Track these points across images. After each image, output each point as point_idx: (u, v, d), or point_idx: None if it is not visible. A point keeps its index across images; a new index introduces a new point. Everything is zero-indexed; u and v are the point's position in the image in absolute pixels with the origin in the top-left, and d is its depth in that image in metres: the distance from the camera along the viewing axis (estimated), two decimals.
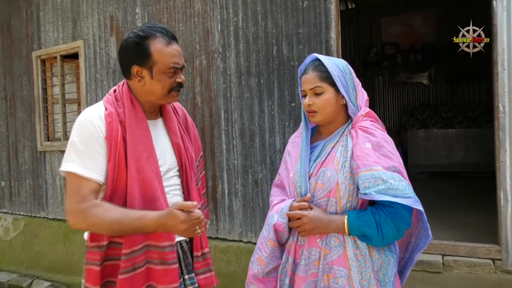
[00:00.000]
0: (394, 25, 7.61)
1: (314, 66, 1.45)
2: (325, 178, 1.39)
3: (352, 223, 1.34)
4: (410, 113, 7.29)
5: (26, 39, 4.74)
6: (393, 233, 1.33)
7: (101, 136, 1.34)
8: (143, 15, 3.80)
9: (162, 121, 1.53)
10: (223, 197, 3.41)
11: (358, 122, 1.44)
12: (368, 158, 1.32)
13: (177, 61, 1.40)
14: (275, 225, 1.45)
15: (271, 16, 3.13)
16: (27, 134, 4.79)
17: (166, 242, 1.38)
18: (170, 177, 1.47)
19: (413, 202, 1.29)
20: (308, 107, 1.44)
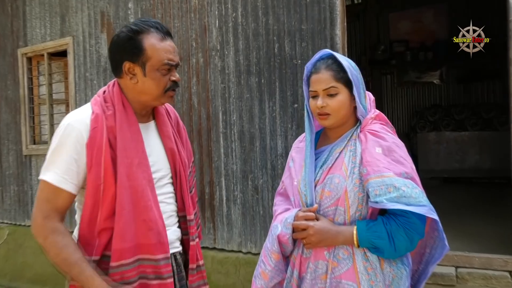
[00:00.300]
0: (403, 21, 7.61)
1: (327, 64, 1.43)
2: (332, 185, 1.37)
3: (362, 235, 1.32)
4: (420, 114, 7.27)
5: (11, 36, 4.73)
6: (406, 244, 1.32)
7: (82, 143, 1.33)
8: (136, 10, 3.80)
9: (155, 124, 1.52)
10: (221, 204, 3.40)
11: (367, 125, 1.42)
12: (379, 164, 1.31)
13: (171, 57, 1.38)
14: (279, 236, 1.43)
15: (273, 11, 3.12)
16: (12, 136, 4.78)
17: (160, 254, 1.36)
18: (163, 184, 1.46)
19: (427, 210, 1.28)
20: (321, 109, 1.41)
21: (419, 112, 7.37)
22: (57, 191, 1.32)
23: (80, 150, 1.33)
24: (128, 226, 1.33)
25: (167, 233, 1.41)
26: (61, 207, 1.34)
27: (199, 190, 3.49)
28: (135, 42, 1.36)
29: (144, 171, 1.37)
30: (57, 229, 1.31)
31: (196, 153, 3.49)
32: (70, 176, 1.33)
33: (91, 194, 1.33)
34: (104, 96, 1.43)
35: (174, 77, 1.41)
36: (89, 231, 1.34)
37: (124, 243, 1.32)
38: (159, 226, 1.37)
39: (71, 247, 1.30)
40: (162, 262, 1.37)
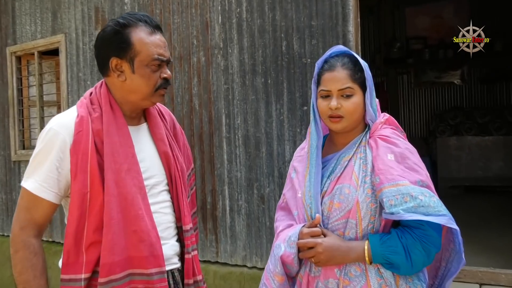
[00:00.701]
0: (421, 16, 7.60)
1: (343, 62, 1.40)
2: (342, 196, 1.36)
3: (375, 250, 1.31)
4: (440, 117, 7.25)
5: (0, 33, 4.78)
6: (423, 258, 1.31)
7: (65, 149, 1.32)
8: (132, 5, 3.82)
9: (147, 127, 1.51)
10: (224, 215, 3.40)
11: (377, 130, 1.41)
12: (393, 172, 1.30)
13: (162, 52, 1.38)
14: (282, 256, 1.40)
15: (280, 6, 3.14)
16: (0, 141, 4.82)
17: (153, 268, 1.35)
18: (158, 192, 1.45)
19: (447, 220, 1.27)
20: (335, 111, 1.39)
21: (438, 115, 7.35)
22: (36, 200, 1.32)
23: (63, 156, 1.32)
24: (117, 237, 1.31)
25: (162, 248, 1.39)
26: (40, 218, 1.34)
27: (200, 200, 3.49)
28: (122, 36, 1.35)
29: (134, 178, 1.36)
30: (30, 245, 1.32)
31: (197, 159, 3.50)
32: (50, 184, 1.32)
33: (77, 204, 1.31)
34: (90, 98, 1.42)
35: (165, 74, 1.40)
36: (76, 246, 1.33)
37: (114, 257, 1.31)
38: (151, 237, 1.35)
39: (38, 271, 1.31)
40: (155, 277, 1.35)
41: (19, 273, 1.32)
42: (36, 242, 1.34)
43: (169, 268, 1.43)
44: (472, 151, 6.40)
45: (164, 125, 1.55)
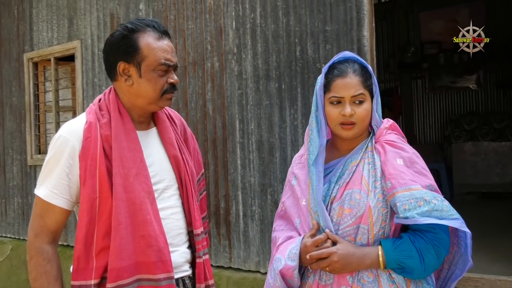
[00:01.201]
0: (436, 20, 7.53)
1: (354, 69, 1.40)
2: (352, 201, 1.35)
3: (389, 255, 1.30)
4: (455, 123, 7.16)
5: (17, 40, 4.86)
6: (435, 262, 1.32)
7: (74, 155, 1.34)
8: (147, 11, 3.86)
9: (156, 131, 1.51)
10: (238, 220, 3.39)
11: (382, 135, 1.42)
12: (404, 176, 1.30)
13: (169, 57, 1.39)
14: (282, 270, 1.38)
15: (294, 11, 3.13)
16: (16, 146, 4.88)
17: (161, 274, 1.34)
18: (168, 196, 1.45)
19: (461, 224, 1.29)
20: (348, 118, 1.37)
21: (453, 120, 7.26)
22: (49, 207, 1.34)
23: (72, 162, 1.34)
24: (125, 242, 1.32)
25: (173, 256, 1.39)
26: (53, 225, 1.36)
27: (214, 205, 3.48)
28: (130, 41, 1.37)
29: (143, 182, 1.36)
30: (43, 252, 1.34)
31: (211, 164, 3.50)
32: (61, 191, 1.34)
33: (86, 209, 1.32)
34: (99, 104, 1.44)
35: (172, 79, 1.41)
36: (85, 252, 1.33)
37: (121, 262, 1.31)
38: (159, 243, 1.35)
39: (52, 277, 1.33)
40: (163, 282, 1.34)
41: (33, 279, 1.34)
42: (50, 248, 1.36)
43: (179, 276, 1.43)
44: (488, 157, 6.31)
45: (174, 129, 1.55)
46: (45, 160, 1.39)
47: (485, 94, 7.43)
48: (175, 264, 1.41)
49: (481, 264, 3.24)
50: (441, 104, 7.80)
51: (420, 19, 7.72)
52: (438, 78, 7.70)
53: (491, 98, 7.39)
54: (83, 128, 1.36)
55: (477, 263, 3.24)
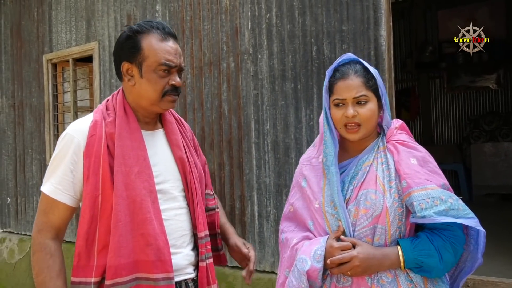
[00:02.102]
0: (454, 19, 7.41)
1: (355, 70, 1.41)
2: (368, 202, 1.34)
3: (408, 255, 1.31)
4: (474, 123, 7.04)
5: (37, 41, 4.94)
6: (452, 259, 1.33)
7: (79, 153, 1.35)
8: (164, 12, 3.88)
9: (163, 132, 1.52)
10: (253, 220, 3.38)
11: (392, 135, 1.44)
12: (420, 176, 1.32)
13: (170, 58, 1.39)
14: (309, 272, 1.36)
15: (310, 11, 3.11)
16: (36, 145, 4.97)
17: (160, 274, 1.33)
18: (173, 197, 1.45)
19: (476, 223, 1.30)
20: (351, 119, 1.38)
21: (473, 121, 7.14)
22: (53, 203, 1.36)
23: (77, 159, 1.35)
24: (124, 240, 1.31)
25: (175, 258, 1.39)
26: (57, 221, 1.37)
27: (229, 205, 3.48)
28: (134, 41, 1.39)
29: (145, 181, 1.36)
30: (46, 247, 1.35)
31: (226, 164, 3.50)
32: (65, 187, 1.36)
33: (89, 206, 1.33)
34: (107, 104, 1.46)
35: (173, 80, 1.40)
36: (87, 249, 1.34)
37: (120, 259, 1.31)
38: (159, 242, 1.34)
39: (54, 272, 1.33)
40: (162, 282, 1.33)
41: (36, 274, 1.35)
42: (53, 244, 1.36)
43: (182, 278, 1.42)
44: (508, 157, 6.18)
45: (183, 132, 1.56)
46: (52, 157, 1.41)
47: (506, 93, 7.28)
48: (178, 266, 1.40)
49: (501, 268, 3.17)
50: (459, 104, 7.67)
51: (438, 18, 7.61)
52: (456, 77, 7.58)
53: (511, 98, 7.24)
54: (88, 126, 1.38)
55: (496, 267, 3.18)
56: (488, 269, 3.12)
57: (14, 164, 5.22)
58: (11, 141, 5.26)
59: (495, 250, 3.69)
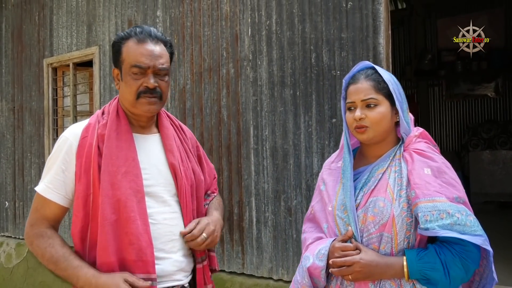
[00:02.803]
0: (453, 27, 7.46)
1: (366, 74, 1.44)
2: (376, 209, 1.35)
3: (412, 266, 1.29)
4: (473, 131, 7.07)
5: (38, 45, 4.97)
6: (462, 275, 1.29)
7: (71, 154, 1.41)
8: (164, 18, 3.90)
9: (159, 137, 1.54)
10: (251, 226, 3.38)
11: (411, 143, 1.41)
12: (429, 187, 1.29)
13: (142, 60, 1.41)
14: (310, 268, 1.40)
15: (310, 19, 3.13)
16: (35, 149, 4.97)
17: (141, 274, 1.34)
18: (164, 200, 1.46)
19: (483, 241, 1.26)
20: (359, 121, 1.40)
21: (471, 128, 7.17)
22: (45, 202, 1.41)
23: (69, 160, 1.41)
24: (110, 238, 1.34)
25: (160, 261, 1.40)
26: (49, 216, 1.41)
27: (227, 210, 3.49)
28: (117, 46, 1.46)
29: (131, 181, 1.38)
30: (41, 233, 1.39)
31: (225, 170, 3.51)
32: (56, 186, 1.40)
33: (82, 204, 1.38)
34: (104, 108, 1.52)
35: (145, 82, 1.41)
36: (82, 246, 1.39)
37: (108, 257, 1.34)
38: (141, 242, 1.35)
39: (56, 246, 1.36)
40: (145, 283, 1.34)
41: (41, 257, 1.38)
42: (49, 230, 1.40)
43: (169, 285, 1.43)
44: (506, 165, 6.20)
45: (181, 138, 1.59)
46: (48, 159, 1.47)
47: (504, 102, 7.32)
48: (164, 272, 1.41)
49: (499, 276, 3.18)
50: (458, 112, 7.71)
51: (437, 26, 7.66)
52: (455, 85, 7.62)
53: (510, 106, 7.27)
54: (82, 128, 1.45)
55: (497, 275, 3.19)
56: None
57: (13, 168, 5.23)
58: (10, 145, 5.26)
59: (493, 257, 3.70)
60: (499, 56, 6.95)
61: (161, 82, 1.44)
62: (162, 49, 1.46)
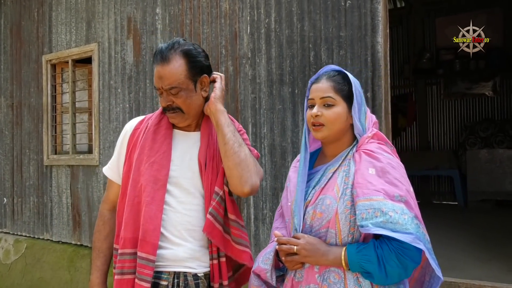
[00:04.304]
0: (452, 26, 7.48)
1: (329, 75, 1.52)
2: (323, 206, 1.42)
3: (352, 258, 1.36)
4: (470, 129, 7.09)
5: (37, 42, 4.97)
6: (399, 271, 1.34)
7: (125, 141, 1.67)
8: (164, 15, 3.91)
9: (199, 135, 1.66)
10: (249, 223, 3.40)
11: (363, 144, 1.47)
12: (369, 186, 1.35)
13: (155, 82, 1.57)
14: (255, 271, 1.53)
15: (309, 17, 3.15)
16: (33, 146, 4.98)
17: (142, 253, 1.49)
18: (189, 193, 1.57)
19: (413, 239, 1.29)
20: (315, 118, 1.47)
21: (468, 127, 7.20)
22: (109, 181, 1.73)
23: (123, 146, 1.67)
24: (130, 217, 1.54)
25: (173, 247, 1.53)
26: (112, 196, 1.71)
27: None
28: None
29: (155, 170, 1.54)
30: (102, 215, 1.72)
31: None
32: (113, 166, 1.70)
33: (123, 184, 1.61)
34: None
35: (160, 102, 1.60)
36: (118, 220, 1.60)
37: (127, 233, 1.54)
38: (149, 224, 1.50)
39: (102, 235, 1.69)
40: (141, 261, 1.49)
41: (93, 234, 1.72)
42: (108, 214, 1.72)
43: (180, 270, 1.54)
44: (503, 164, 6.24)
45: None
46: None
47: (501, 101, 7.35)
48: (176, 257, 1.54)
49: (495, 272, 3.21)
50: (456, 111, 7.73)
51: (436, 25, 7.68)
52: (453, 84, 7.64)
53: (507, 105, 7.30)
54: (138, 121, 1.70)
55: (491, 272, 3.22)
56: (482, 273, 3.16)
57: (11, 164, 5.23)
58: (8, 141, 5.27)
59: (489, 255, 3.73)
60: (497, 55, 6.97)
61: (176, 98, 1.55)
62: (172, 68, 1.53)
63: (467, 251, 3.85)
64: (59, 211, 4.69)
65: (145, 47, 4.04)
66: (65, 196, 4.64)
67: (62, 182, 4.68)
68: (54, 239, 4.74)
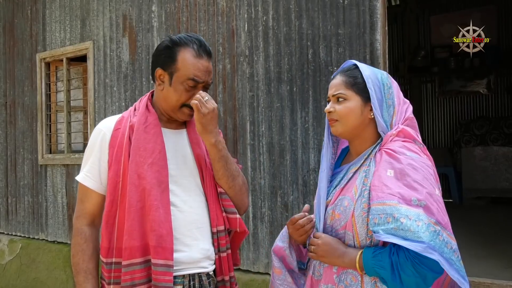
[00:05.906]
0: (447, 24, 7.51)
1: (343, 71, 1.49)
2: (342, 208, 1.39)
3: (367, 262, 1.31)
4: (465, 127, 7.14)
5: (30, 40, 4.92)
6: (416, 280, 1.26)
7: (105, 144, 1.53)
8: (159, 13, 3.89)
9: (186, 133, 1.63)
10: (247, 222, 3.40)
11: (387, 143, 1.39)
12: (384, 190, 1.28)
13: (199, 75, 1.49)
14: (274, 250, 1.54)
15: (307, 14, 3.14)
16: (28, 145, 4.93)
17: (159, 260, 1.42)
18: (189, 192, 1.55)
19: (424, 248, 1.20)
20: (328, 114, 1.46)
21: (463, 125, 7.23)
22: (85, 190, 1.54)
23: (103, 150, 1.53)
24: (135, 224, 1.45)
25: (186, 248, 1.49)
26: (91, 208, 1.54)
27: None
28: (171, 52, 1.51)
29: (156, 171, 1.47)
30: (82, 232, 1.52)
31: None
32: (93, 174, 1.53)
33: (110, 190, 1.49)
34: (135, 105, 1.62)
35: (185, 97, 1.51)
36: (107, 231, 1.47)
37: (133, 242, 1.44)
38: (162, 229, 1.43)
39: (86, 256, 1.50)
40: (160, 269, 1.42)
41: (72, 255, 1.52)
42: (88, 230, 1.53)
43: (196, 271, 1.51)
44: (498, 161, 6.28)
45: None
46: (85, 150, 1.59)
47: (496, 98, 7.39)
48: (192, 259, 1.50)
49: (492, 270, 3.23)
50: (451, 109, 7.77)
51: (430, 23, 7.71)
52: (448, 82, 7.68)
53: (501, 103, 7.35)
54: (115, 121, 1.56)
55: (488, 269, 3.24)
56: (480, 270, 3.18)
57: (5, 164, 5.18)
58: (2, 140, 5.22)
59: (486, 252, 3.75)
60: (492, 53, 7.01)
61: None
62: (211, 65, 1.56)
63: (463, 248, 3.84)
64: (54, 210, 4.66)
65: (141, 45, 4.02)
66: (60, 195, 4.61)
67: (57, 181, 4.64)
68: (50, 239, 4.70)
